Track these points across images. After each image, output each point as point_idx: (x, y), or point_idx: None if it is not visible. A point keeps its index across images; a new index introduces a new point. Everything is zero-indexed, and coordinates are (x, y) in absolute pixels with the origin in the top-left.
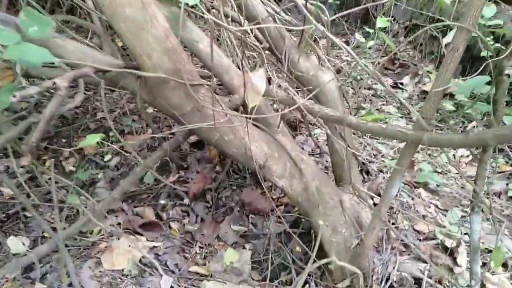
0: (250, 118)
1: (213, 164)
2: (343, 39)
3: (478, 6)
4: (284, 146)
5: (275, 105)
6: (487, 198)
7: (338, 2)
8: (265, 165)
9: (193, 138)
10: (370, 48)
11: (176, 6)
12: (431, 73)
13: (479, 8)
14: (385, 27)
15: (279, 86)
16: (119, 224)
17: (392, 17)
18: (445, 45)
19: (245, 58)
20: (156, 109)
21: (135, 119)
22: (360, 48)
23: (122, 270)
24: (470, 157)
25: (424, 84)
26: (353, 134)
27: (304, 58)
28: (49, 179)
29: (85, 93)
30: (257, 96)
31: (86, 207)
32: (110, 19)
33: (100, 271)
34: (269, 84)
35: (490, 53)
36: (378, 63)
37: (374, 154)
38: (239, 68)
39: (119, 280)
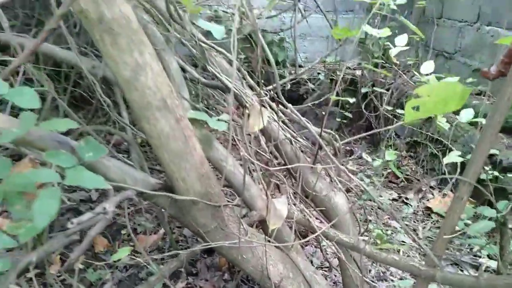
0: (269, 241)
1: (222, 272)
2: (347, 147)
3: (480, 161)
4: (298, 266)
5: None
6: None
7: (343, 112)
8: (280, 285)
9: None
10: (376, 167)
11: (207, 129)
12: (433, 189)
13: (481, 163)
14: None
15: (294, 204)
16: None
17: (394, 132)
18: (445, 164)
19: (266, 182)
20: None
21: (147, 217)
22: (366, 165)
23: None
24: None
25: (428, 200)
26: None
27: (317, 178)
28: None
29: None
30: (279, 220)
31: None
32: (155, 148)
33: None
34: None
35: (489, 177)
36: (383, 174)
37: (382, 272)
38: (261, 188)
39: None
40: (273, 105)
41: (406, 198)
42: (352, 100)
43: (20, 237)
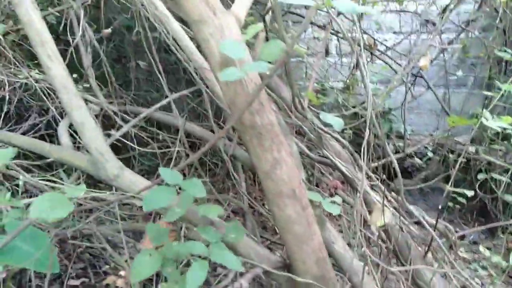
0: None
1: None
2: (457, 229)
3: None
4: None
5: None
6: None
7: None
8: None
9: None
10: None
11: (319, 209)
12: None
13: None
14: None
15: None
16: None
17: None
18: None
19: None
20: None
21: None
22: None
23: None
24: None
25: None
26: None
27: (429, 270)
28: None
29: None
30: None
31: None
32: (281, 230)
33: None
34: None
35: None
36: (502, 270)
37: None
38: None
39: None
40: (382, 187)
41: None
42: (470, 193)
43: None
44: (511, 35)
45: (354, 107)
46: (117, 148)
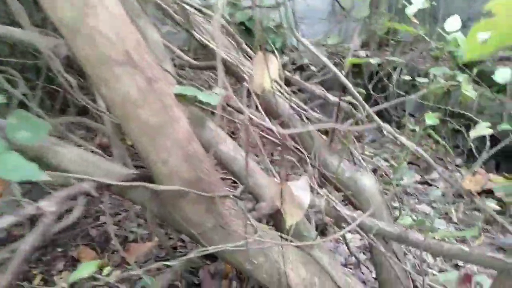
0: (286, 239)
1: (229, 280)
2: (356, 132)
3: None
4: (325, 267)
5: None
6: None
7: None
8: None
9: None
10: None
11: (196, 106)
12: (460, 167)
13: None
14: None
15: (313, 190)
16: None
17: (403, 111)
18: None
19: (273, 161)
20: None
21: (140, 223)
22: (381, 149)
23: None
24: None
25: (456, 180)
26: None
27: (336, 158)
28: None
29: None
30: (299, 211)
31: None
32: (121, 120)
33: None
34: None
35: None
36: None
37: (417, 264)
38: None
39: None
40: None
41: (432, 180)
42: (374, 61)
43: None
44: None
45: (243, 22)
46: None
